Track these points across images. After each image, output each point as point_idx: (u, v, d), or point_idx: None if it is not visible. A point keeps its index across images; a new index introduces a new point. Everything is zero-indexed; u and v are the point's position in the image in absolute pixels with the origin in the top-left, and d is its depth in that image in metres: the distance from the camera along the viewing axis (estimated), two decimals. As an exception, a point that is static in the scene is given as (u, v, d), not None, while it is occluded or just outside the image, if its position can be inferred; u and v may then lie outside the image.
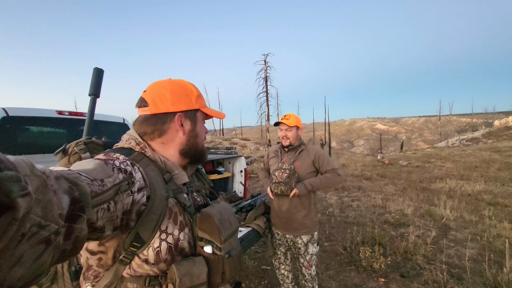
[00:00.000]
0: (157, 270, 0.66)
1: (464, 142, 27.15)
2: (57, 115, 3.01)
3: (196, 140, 0.79)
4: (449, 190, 6.72)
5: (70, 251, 0.38)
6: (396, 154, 20.53)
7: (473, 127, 48.54)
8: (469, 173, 9.02)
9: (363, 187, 7.55)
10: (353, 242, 3.50)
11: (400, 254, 3.23)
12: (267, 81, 29.85)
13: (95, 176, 0.48)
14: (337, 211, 5.16)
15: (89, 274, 0.68)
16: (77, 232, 0.38)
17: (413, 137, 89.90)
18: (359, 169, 11.00)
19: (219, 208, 0.77)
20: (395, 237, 3.84)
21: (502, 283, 2.49)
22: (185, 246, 0.70)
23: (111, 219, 0.51)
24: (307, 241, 2.05)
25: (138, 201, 0.60)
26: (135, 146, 0.74)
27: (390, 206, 5.34)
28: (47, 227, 0.30)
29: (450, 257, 3.21)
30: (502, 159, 12.12)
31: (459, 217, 4.69)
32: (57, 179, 0.37)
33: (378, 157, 15.11)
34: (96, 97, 1.06)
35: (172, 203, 0.71)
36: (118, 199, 0.52)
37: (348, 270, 2.95)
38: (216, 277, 0.71)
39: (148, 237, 0.63)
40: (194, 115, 0.78)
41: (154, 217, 0.64)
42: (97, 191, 0.46)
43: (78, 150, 0.82)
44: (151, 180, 0.67)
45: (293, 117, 2.09)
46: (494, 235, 3.85)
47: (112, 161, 0.59)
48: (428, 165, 11.82)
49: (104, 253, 0.64)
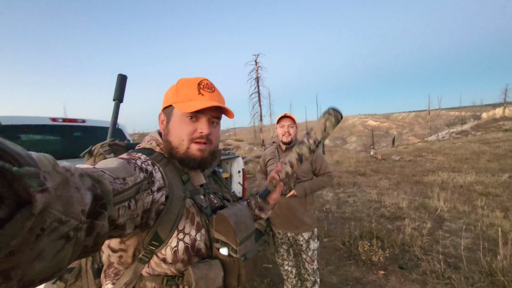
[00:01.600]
0: (174, 270, 0.67)
1: (454, 135, 27.72)
2: (51, 122, 2.97)
3: (167, 138, 0.75)
4: (441, 182, 6.87)
5: (91, 247, 0.39)
6: (388, 149, 20.83)
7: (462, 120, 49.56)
8: (460, 165, 9.23)
9: (358, 182, 7.65)
10: (351, 237, 3.55)
11: (397, 247, 3.29)
12: (258, 81, 29.88)
13: (117, 174, 0.50)
14: (334, 207, 5.22)
15: (110, 272, 0.70)
16: (98, 228, 0.39)
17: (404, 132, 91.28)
18: (353, 165, 11.14)
19: (235, 211, 0.77)
20: (391, 230, 3.91)
21: (497, 270, 2.57)
22: (202, 247, 0.71)
23: (132, 217, 0.52)
24: (308, 237, 2.08)
25: (157, 200, 0.62)
26: (155, 146, 0.77)
27: (385, 200, 5.43)
28: (67, 222, 0.31)
29: (446, 247, 3.28)
30: (491, 150, 12.43)
31: (452, 208, 4.80)
32: (81, 176, 0.37)
33: (371, 153, 15.31)
34: (119, 101, 1.11)
35: (189, 203, 0.72)
36: (139, 197, 0.54)
37: (348, 265, 3.00)
38: (232, 280, 0.71)
39: (166, 236, 0.65)
40: (170, 111, 0.76)
41: (172, 217, 0.65)
42: (118, 189, 0.47)
43: (103, 151, 0.84)
44: (169, 180, 0.68)
45: (293, 116, 2.12)
46: (487, 224, 3.95)
47: (134, 160, 0.61)
48: (420, 159, 12.04)
49: (124, 251, 0.66)
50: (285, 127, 2.09)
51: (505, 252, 2.83)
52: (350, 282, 2.67)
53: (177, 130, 0.74)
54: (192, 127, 0.73)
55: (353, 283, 2.65)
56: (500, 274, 2.50)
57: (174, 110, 0.75)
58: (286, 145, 2.13)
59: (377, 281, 2.68)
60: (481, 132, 25.88)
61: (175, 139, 0.74)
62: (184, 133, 0.73)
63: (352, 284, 2.64)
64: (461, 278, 2.56)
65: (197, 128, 0.73)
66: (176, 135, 0.74)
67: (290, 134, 2.09)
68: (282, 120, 2.11)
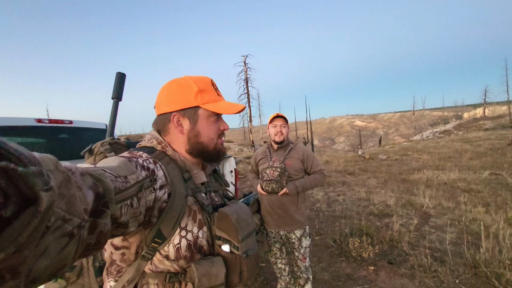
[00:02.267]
0: (177, 266, 0.68)
1: (437, 135, 28.60)
2: (36, 123, 2.89)
3: (198, 140, 0.77)
4: (426, 180, 7.08)
5: (94, 245, 0.39)
6: (376, 149, 21.28)
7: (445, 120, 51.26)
8: (444, 163, 9.54)
9: (347, 181, 7.79)
10: (342, 234, 3.62)
11: (386, 243, 3.38)
12: (247, 82, 29.95)
13: (119, 173, 0.50)
14: (324, 206, 5.30)
15: (112, 269, 0.70)
16: (101, 226, 0.39)
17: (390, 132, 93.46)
18: (342, 164, 11.32)
19: (236, 208, 0.78)
20: (380, 227, 4.01)
21: (480, 262, 2.68)
22: (204, 244, 0.72)
23: (135, 215, 0.53)
24: (300, 235, 2.11)
25: (160, 198, 0.62)
26: (156, 145, 0.76)
27: (374, 198, 5.56)
28: (71, 221, 0.31)
29: (432, 242, 3.40)
30: (473, 148, 12.92)
31: (437, 205, 4.96)
32: (82, 175, 0.38)
33: (359, 153, 15.60)
34: (118, 100, 1.09)
35: (191, 201, 0.73)
36: (141, 195, 0.54)
37: (339, 261, 3.05)
38: (234, 276, 0.72)
39: (169, 233, 0.65)
40: (195, 113, 0.76)
41: (174, 214, 0.66)
42: (120, 187, 0.47)
43: (103, 150, 0.84)
44: (171, 178, 0.69)
45: (285, 116, 2.15)
46: (470, 219, 4.11)
47: (136, 158, 0.61)
48: (406, 157, 12.37)
49: (127, 248, 0.66)
50: (278, 126, 2.12)
51: (487, 245, 2.96)
52: (342, 278, 2.72)
53: (208, 131, 0.78)
54: (217, 125, 0.80)
55: (344, 279, 2.71)
56: (483, 266, 2.62)
57: (201, 111, 0.76)
58: (278, 144, 2.16)
59: (368, 276, 2.75)
60: (463, 132, 26.83)
61: (207, 139, 0.77)
62: (214, 132, 0.79)
63: (344, 280, 2.69)
64: (447, 271, 2.66)
65: (220, 126, 0.81)
66: (208, 135, 0.78)
67: (282, 134, 2.12)
68: (275, 120, 2.14)
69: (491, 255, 2.78)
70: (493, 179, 6.69)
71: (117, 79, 1.08)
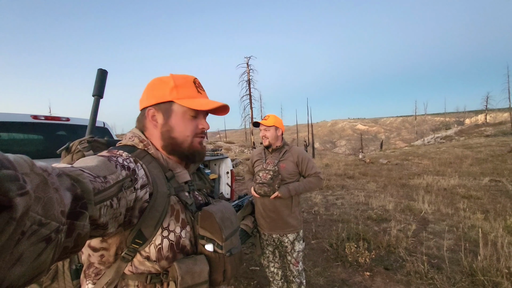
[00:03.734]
0: (158, 267, 0.66)
1: (439, 140, 28.51)
2: (32, 120, 2.88)
3: (171, 135, 0.75)
4: (426, 185, 7.03)
5: (71, 249, 0.38)
6: (377, 153, 21.21)
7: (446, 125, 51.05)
8: (444, 169, 9.48)
9: (347, 185, 7.75)
10: (339, 238, 3.58)
11: (383, 248, 3.34)
12: (250, 83, 30.00)
13: (98, 173, 0.48)
14: (322, 210, 5.26)
15: (90, 272, 0.68)
16: (79, 229, 0.38)
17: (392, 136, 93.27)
18: (342, 168, 11.27)
19: (220, 207, 0.77)
20: (378, 232, 3.97)
21: (477, 270, 2.64)
22: (187, 244, 0.71)
23: (115, 216, 0.51)
24: (293, 239, 2.09)
25: (141, 198, 0.61)
26: (138, 143, 0.75)
27: (373, 203, 5.52)
28: (48, 225, 0.30)
29: (430, 249, 3.36)
30: (474, 154, 12.85)
31: (436, 211, 4.92)
32: (59, 176, 0.36)
33: (360, 156, 15.55)
34: (99, 97, 1.07)
35: (174, 200, 0.71)
36: (122, 196, 0.53)
37: (334, 266, 3.02)
38: (218, 275, 0.71)
39: (150, 234, 0.64)
40: (169, 107, 0.75)
41: (156, 214, 0.64)
42: (99, 188, 0.45)
43: (82, 148, 0.81)
44: (153, 178, 0.67)
45: (272, 118, 2.12)
46: (469, 226, 4.07)
47: (116, 158, 0.60)
48: (407, 162, 12.31)
49: (106, 250, 0.64)
50: (262, 131, 2.13)
51: (485, 253, 2.92)
52: (337, 284, 2.69)
53: (182, 127, 0.75)
54: (195, 124, 0.77)
55: (339, 284, 2.67)
56: (480, 274, 2.58)
57: (175, 106, 0.75)
58: (266, 148, 2.16)
59: (363, 282, 2.71)
60: (464, 138, 26.74)
61: (180, 136, 0.75)
62: (189, 129, 0.76)
63: (339, 286, 2.66)
64: (444, 278, 2.62)
65: (198, 124, 0.77)
66: (181, 132, 0.75)
67: (267, 138, 2.11)
68: (260, 125, 2.13)
69: (489, 263, 2.74)
70: (493, 186, 6.64)
71: (98, 75, 1.06)
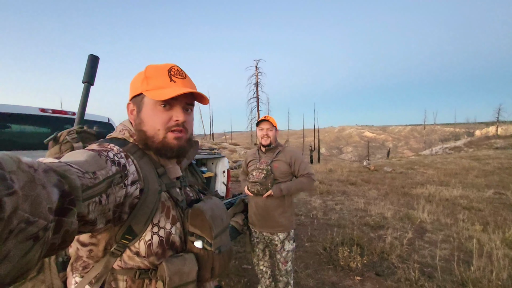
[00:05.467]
0: (147, 263, 0.66)
1: (447, 151, 28.08)
2: (40, 112, 3.00)
3: (140, 128, 0.71)
4: (428, 195, 6.96)
5: (59, 245, 0.37)
6: (382, 161, 21.01)
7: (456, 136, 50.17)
8: (448, 180, 9.36)
9: (348, 191, 7.72)
10: (333, 243, 3.60)
11: (376, 254, 3.34)
12: (258, 86, 30.16)
13: (87, 168, 0.47)
14: (321, 214, 5.27)
15: (77, 265, 0.67)
16: (67, 226, 0.37)
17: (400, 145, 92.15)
18: (345, 174, 11.22)
19: (211, 204, 0.76)
20: (373, 238, 3.97)
21: (468, 280, 2.64)
22: (176, 240, 0.70)
23: (103, 212, 0.50)
24: (284, 238, 2.13)
25: (131, 194, 0.59)
26: (129, 137, 0.73)
27: (372, 210, 5.50)
28: (36, 223, 0.29)
29: (424, 257, 3.35)
30: (481, 166, 12.62)
31: (435, 220, 4.88)
32: (45, 172, 0.36)
33: (364, 163, 15.44)
34: (90, 84, 1.01)
35: (164, 197, 0.70)
36: (111, 192, 0.52)
37: (326, 269, 3.04)
38: (206, 272, 0.71)
39: (140, 230, 0.63)
40: (140, 100, 0.72)
41: (146, 210, 0.63)
42: (88, 184, 0.44)
43: (70, 139, 0.78)
44: (144, 173, 0.66)
45: (272, 119, 2.18)
46: (466, 236, 4.04)
47: (106, 152, 0.58)
48: (411, 171, 12.17)
49: (95, 245, 0.63)
50: (264, 130, 2.14)
51: (479, 264, 2.91)
52: (327, 286, 2.72)
53: (151, 120, 0.70)
54: (167, 116, 0.70)
55: (329, 287, 2.70)
56: (472, 285, 2.57)
57: (145, 99, 0.71)
58: (265, 147, 2.19)
59: (353, 286, 2.73)
60: (473, 149, 26.27)
61: (150, 129, 0.70)
62: (158, 122, 0.69)
63: (328, 288, 2.68)
64: (434, 286, 2.62)
65: (172, 116, 0.70)
66: (151, 125, 0.70)
67: (269, 137, 2.15)
68: (262, 124, 2.16)
69: (482, 274, 2.73)
70: (496, 198, 6.54)
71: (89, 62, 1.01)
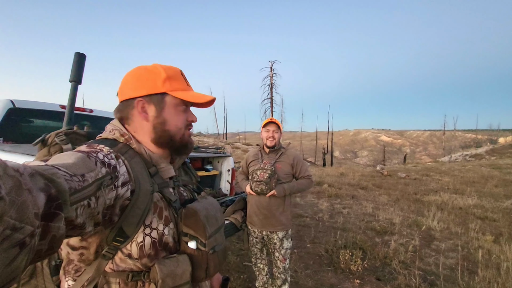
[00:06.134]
0: (140, 265, 0.64)
1: (467, 158, 26.99)
2: (60, 109, 3.20)
3: (164, 128, 0.72)
4: (441, 203, 6.78)
5: (46, 251, 0.36)
6: (397, 166, 20.50)
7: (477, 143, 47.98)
8: (464, 188, 9.04)
9: (357, 195, 7.64)
10: (336, 245, 3.62)
11: (379, 259, 3.33)
12: (272, 87, 30.18)
13: (75, 171, 0.46)
14: (327, 217, 5.27)
15: (69, 268, 0.67)
16: (54, 231, 0.36)
17: (417, 150, 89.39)
18: (356, 178, 11.07)
19: (205, 204, 0.75)
20: (377, 243, 3.94)
21: (471, 290, 2.59)
22: (169, 241, 0.69)
23: (92, 215, 0.49)
24: (282, 236, 2.19)
25: (122, 195, 0.58)
26: (119, 137, 0.70)
27: (380, 215, 5.44)
28: (22, 229, 0.29)
29: (428, 265, 3.30)
30: (501, 175, 12.08)
31: (445, 229, 4.77)
32: (31, 176, 0.35)
33: (377, 168, 15.14)
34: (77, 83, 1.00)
35: (157, 197, 0.69)
36: (100, 194, 0.50)
37: (326, 271, 3.07)
38: (200, 272, 0.70)
39: (132, 231, 0.62)
40: (161, 99, 0.72)
41: (138, 212, 0.62)
42: (76, 187, 0.43)
43: (59, 141, 0.76)
44: (136, 174, 0.64)
45: (278, 121, 2.26)
46: (476, 246, 3.93)
47: (96, 153, 0.56)
48: (426, 178, 11.83)
49: (86, 248, 0.61)
50: (270, 131, 2.22)
51: (486, 274, 2.85)
52: (325, 287, 2.75)
53: (175, 119, 0.73)
54: (186, 116, 0.76)
55: (327, 288, 2.73)
56: (474, 295, 2.53)
57: (168, 98, 0.72)
58: (269, 148, 2.26)
59: (352, 289, 2.75)
60: (496, 157, 25.11)
61: (174, 128, 0.73)
62: (181, 121, 0.75)
63: (326, 289, 2.71)
64: (434, 294, 2.60)
65: (188, 116, 0.77)
66: (175, 124, 0.73)
67: (274, 139, 2.23)
68: (268, 125, 2.25)
69: (487, 285, 2.68)
70: (514, 210, 6.28)
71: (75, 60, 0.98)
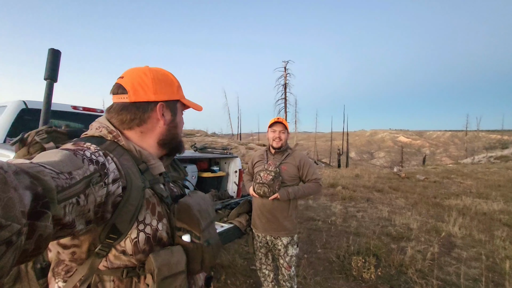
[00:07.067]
0: (134, 261, 0.64)
1: (492, 160, 25.63)
2: (72, 110, 3.25)
3: (176, 131, 0.79)
4: (463, 207, 6.41)
5: (32, 251, 0.35)
6: (416, 168, 19.75)
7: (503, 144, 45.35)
8: (489, 192, 8.53)
9: (372, 198, 7.37)
10: (348, 251, 3.46)
11: (394, 267, 3.15)
12: (286, 88, 30.00)
13: (61, 168, 0.45)
14: (340, 221, 5.08)
15: (59, 270, 0.65)
16: (40, 230, 0.35)
17: (438, 152, 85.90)
18: (372, 180, 10.71)
19: (197, 199, 0.77)
20: (393, 250, 3.73)
21: (497, 305, 2.38)
22: (163, 236, 0.69)
23: (82, 213, 0.49)
24: (287, 243, 2.08)
25: (113, 192, 0.58)
26: (106, 134, 0.69)
27: (396, 220, 5.19)
28: (8, 227, 0.28)
29: (448, 275, 3.08)
30: (530, 179, 11.34)
31: (467, 235, 4.47)
32: (16, 174, 0.34)
33: (395, 170, 14.64)
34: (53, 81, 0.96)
35: (149, 193, 0.69)
36: (90, 192, 0.50)
37: (337, 278, 2.92)
38: (195, 265, 0.71)
39: (125, 228, 0.61)
40: (175, 105, 0.78)
41: (131, 208, 0.62)
42: (63, 185, 0.43)
43: (40, 139, 0.74)
44: (126, 171, 0.64)
45: (285, 121, 2.16)
46: (503, 256, 3.64)
47: (82, 151, 0.55)
48: (447, 181, 11.29)
49: (78, 246, 0.61)
50: (277, 132, 2.12)
51: (513, 288, 2.61)
52: (335, 296, 2.61)
53: (182, 123, 0.84)
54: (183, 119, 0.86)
55: (337, 297, 2.59)
56: (500, 310, 2.32)
57: (179, 105, 0.81)
58: (276, 149, 2.16)
59: (364, 298, 2.60)
60: (524, 159, 23.66)
61: (180, 131, 0.82)
62: (182, 126, 0.85)
63: (337, 298, 2.58)
64: (455, 307, 2.40)
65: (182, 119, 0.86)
66: (181, 128, 0.83)
67: (280, 140, 2.12)
68: (274, 126, 2.14)
69: (514, 300, 2.45)
70: (546, 216, 5.82)
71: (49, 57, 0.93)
